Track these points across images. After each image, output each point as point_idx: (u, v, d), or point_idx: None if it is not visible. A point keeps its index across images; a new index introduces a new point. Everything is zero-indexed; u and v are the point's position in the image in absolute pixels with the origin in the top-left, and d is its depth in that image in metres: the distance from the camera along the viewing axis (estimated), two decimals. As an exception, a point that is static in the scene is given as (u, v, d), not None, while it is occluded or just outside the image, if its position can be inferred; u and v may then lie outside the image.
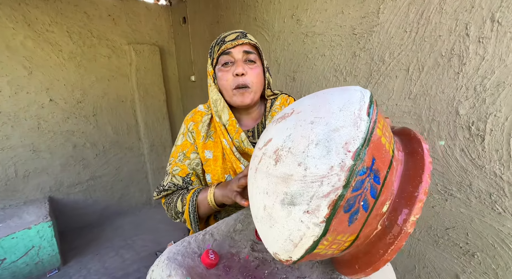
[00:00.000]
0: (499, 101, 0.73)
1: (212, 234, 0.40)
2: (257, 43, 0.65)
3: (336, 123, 0.23)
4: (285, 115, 0.30)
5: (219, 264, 0.36)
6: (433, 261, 0.95)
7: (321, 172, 0.22)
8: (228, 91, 0.62)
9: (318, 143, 0.23)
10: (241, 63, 0.60)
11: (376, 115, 0.25)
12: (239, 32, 0.63)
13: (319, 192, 0.22)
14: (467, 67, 0.77)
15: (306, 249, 0.23)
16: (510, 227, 0.75)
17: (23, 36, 1.87)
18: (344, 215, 0.22)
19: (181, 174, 0.65)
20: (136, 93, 2.45)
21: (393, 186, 0.24)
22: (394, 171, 0.25)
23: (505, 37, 0.70)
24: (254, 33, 1.57)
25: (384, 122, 0.27)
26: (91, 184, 2.32)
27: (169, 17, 2.61)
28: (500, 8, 0.69)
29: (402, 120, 0.95)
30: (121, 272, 1.62)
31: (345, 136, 0.22)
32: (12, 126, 1.90)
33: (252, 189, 0.28)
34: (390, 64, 0.96)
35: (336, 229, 0.22)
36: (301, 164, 0.23)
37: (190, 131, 0.68)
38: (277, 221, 0.24)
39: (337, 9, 1.09)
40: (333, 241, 0.23)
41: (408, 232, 0.23)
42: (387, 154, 0.24)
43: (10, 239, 1.45)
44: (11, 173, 1.92)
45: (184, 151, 0.67)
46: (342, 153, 0.22)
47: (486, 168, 0.77)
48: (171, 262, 0.31)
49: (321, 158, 0.22)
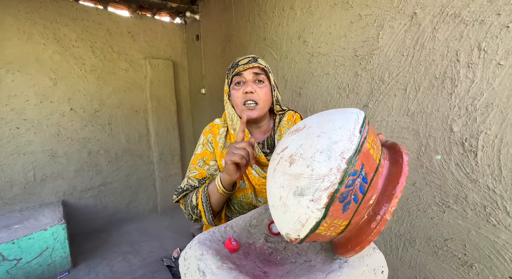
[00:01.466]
0: (488, 120, 0.80)
1: (232, 227, 0.47)
2: (266, 66, 0.75)
3: (336, 138, 0.32)
4: (298, 129, 0.38)
5: (239, 250, 0.43)
6: (433, 271, 0.97)
7: (323, 172, 0.30)
8: (238, 106, 0.71)
9: (322, 151, 0.31)
10: (250, 83, 0.69)
11: (366, 133, 0.33)
12: (251, 57, 0.73)
13: (321, 186, 0.30)
14: (459, 89, 0.85)
15: (311, 228, 0.30)
16: (504, 239, 0.79)
17: (52, 51, 2.05)
18: (339, 204, 0.30)
19: (198, 176, 0.72)
20: (149, 104, 2.59)
21: (378, 185, 0.32)
22: (379, 174, 0.32)
23: (491, 63, 0.78)
24: (263, 52, 1.70)
25: (374, 138, 0.35)
26: (102, 189, 2.41)
27: (183, 35, 2.80)
28: (485, 38, 0.78)
29: (401, 135, 1.02)
30: (128, 277, 1.66)
31: (342, 147, 0.30)
32: (34, 133, 2.03)
33: (270, 184, 0.37)
34: (389, 83, 1.04)
35: (333, 214, 0.30)
36: (309, 166, 0.31)
37: (209, 141, 0.76)
38: (289, 208, 0.32)
39: (340, 33, 1.20)
40: (331, 224, 0.31)
41: (387, 219, 0.30)
42: (374, 161, 0.32)
43: (27, 239, 1.53)
44: (30, 176, 2.03)
45: (204, 158, 0.75)
46: (339, 159, 0.30)
47: (480, 182, 0.83)
48: (202, 244, 0.38)
49: (323, 162, 0.30)
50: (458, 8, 0.83)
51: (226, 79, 0.76)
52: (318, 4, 1.28)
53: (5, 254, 1.46)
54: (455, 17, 0.84)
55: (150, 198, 2.74)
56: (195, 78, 2.78)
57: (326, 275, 0.33)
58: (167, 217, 2.62)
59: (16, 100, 1.94)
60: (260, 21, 1.69)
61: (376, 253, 0.38)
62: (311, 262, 0.39)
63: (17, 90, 1.94)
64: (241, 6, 1.85)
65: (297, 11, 1.41)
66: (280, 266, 0.40)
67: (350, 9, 1.14)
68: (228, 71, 0.75)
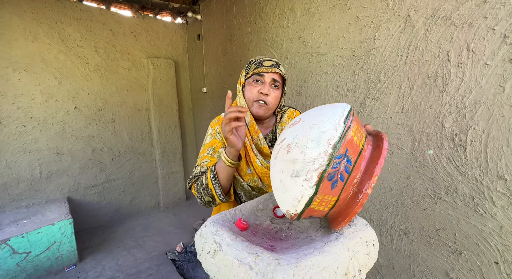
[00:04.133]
0: (476, 116, 0.85)
1: (241, 210, 0.53)
2: (285, 74, 0.81)
3: (324, 128, 0.37)
4: (295, 122, 0.44)
5: (248, 229, 0.48)
6: (426, 260, 1.03)
7: (314, 156, 0.36)
8: (250, 101, 0.78)
9: (313, 139, 0.37)
10: (268, 85, 0.76)
11: (350, 123, 0.38)
12: (274, 62, 0.79)
13: (312, 168, 0.36)
14: (450, 87, 0.91)
15: (305, 203, 0.36)
16: (491, 227, 0.85)
17: (57, 51, 2.09)
18: (328, 182, 0.37)
19: (210, 164, 0.77)
20: (152, 102, 2.64)
21: (361, 167, 0.38)
22: (362, 158, 0.38)
23: (479, 63, 0.83)
24: (264, 52, 1.75)
25: (358, 127, 0.40)
26: (105, 186, 2.46)
27: (184, 34, 2.84)
28: (474, 40, 0.84)
29: (396, 131, 1.08)
30: (134, 269, 1.71)
31: (329, 135, 0.36)
32: (40, 131, 2.08)
33: (273, 170, 0.43)
34: (385, 82, 1.10)
35: (323, 191, 0.36)
36: (302, 152, 0.38)
37: (218, 132, 0.83)
38: (288, 187, 0.38)
39: (339, 34, 1.26)
40: (322, 199, 0.37)
41: (368, 193, 0.36)
42: (357, 147, 0.38)
43: (36, 233, 1.58)
44: (36, 173, 2.08)
45: (213, 146, 0.81)
46: (326, 145, 0.36)
47: (468, 174, 0.89)
48: (215, 223, 0.44)
49: (314, 148, 0.37)
50: (449, 11, 0.88)
51: (244, 71, 0.81)
52: (318, 5, 1.34)
53: (15, 248, 1.51)
54: (446, 19, 0.89)
55: (153, 195, 2.80)
56: (196, 77, 2.82)
57: (325, 244, 0.38)
58: (169, 214, 2.68)
59: (23, 99, 1.98)
60: (261, 22, 1.74)
61: (368, 229, 0.43)
62: (312, 237, 0.44)
63: (24, 89, 1.98)
64: (242, 7, 1.90)
65: (297, 12, 1.46)
66: (284, 241, 0.46)
67: (348, 11, 1.20)
68: (248, 65, 0.80)
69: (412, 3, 0.97)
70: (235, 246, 0.37)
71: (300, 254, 0.35)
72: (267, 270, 0.32)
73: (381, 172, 1.09)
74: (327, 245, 0.37)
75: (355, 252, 0.39)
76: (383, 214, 1.18)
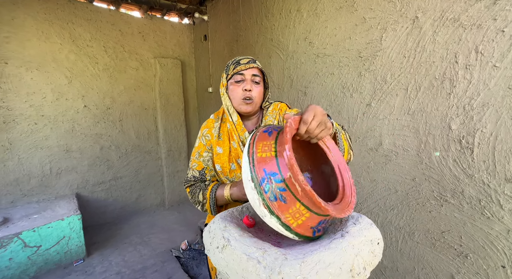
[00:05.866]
0: (484, 119, 0.85)
1: (248, 208, 0.54)
2: (262, 68, 0.85)
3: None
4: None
5: (255, 226, 0.49)
6: (431, 262, 1.03)
7: (251, 197, 0.42)
8: (237, 100, 0.81)
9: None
10: (249, 82, 0.80)
11: (253, 155, 0.43)
12: (250, 58, 0.83)
13: (259, 203, 0.41)
14: (457, 89, 0.90)
15: (280, 223, 0.41)
16: (498, 230, 0.84)
17: (68, 50, 2.15)
18: (280, 202, 0.41)
19: (198, 168, 0.85)
20: (158, 102, 2.68)
21: (285, 168, 0.42)
22: (282, 159, 0.42)
23: (487, 65, 0.83)
24: (270, 52, 1.76)
25: (262, 147, 0.44)
26: (113, 183, 2.51)
27: (191, 35, 2.87)
28: (482, 41, 0.83)
29: (402, 133, 1.08)
30: (139, 265, 1.74)
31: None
32: (51, 128, 2.13)
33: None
34: (392, 84, 1.10)
35: (282, 210, 0.40)
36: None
37: (204, 135, 0.88)
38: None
39: (345, 35, 1.26)
40: (293, 213, 0.40)
41: (299, 177, 0.40)
42: (271, 158, 0.42)
43: (46, 228, 1.62)
44: (47, 170, 2.14)
45: (199, 151, 0.86)
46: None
47: (475, 177, 0.88)
48: (224, 219, 0.45)
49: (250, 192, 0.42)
50: (457, 13, 0.88)
51: (225, 74, 0.84)
52: (324, 7, 1.34)
53: (27, 241, 1.56)
54: (454, 21, 0.89)
55: (158, 193, 2.84)
56: (202, 77, 2.85)
57: (331, 241, 0.39)
58: (174, 212, 2.71)
59: (35, 97, 2.04)
60: (267, 23, 1.75)
61: (373, 228, 0.44)
62: (317, 234, 0.45)
63: (36, 88, 2.04)
64: (249, 8, 1.91)
65: (303, 13, 1.47)
66: (291, 239, 0.47)
67: (355, 12, 1.20)
68: (227, 67, 0.84)
69: (420, 5, 0.97)
70: (243, 242, 0.38)
71: (306, 250, 0.37)
72: (274, 264, 0.33)
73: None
74: (333, 242, 0.38)
75: (360, 249, 0.39)
76: (387, 216, 1.17)
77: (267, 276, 0.32)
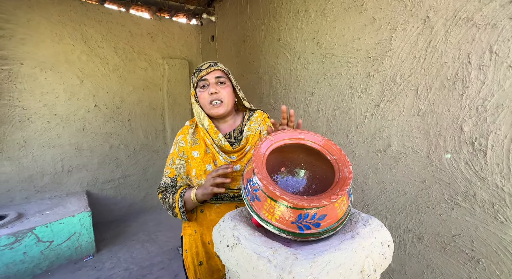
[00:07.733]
0: (498, 121, 0.83)
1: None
2: (225, 69, 0.85)
3: None
4: None
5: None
6: (441, 266, 1.01)
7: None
8: (206, 106, 0.82)
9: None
10: (214, 85, 0.80)
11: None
12: (211, 62, 0.83)
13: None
14: (470, 90, 0.88)
15: (258, 218, 0.47)
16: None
17: (80, 51, 2.20)
18: (257, 201, 0.46)
19: (170, 175, 0.86)
20: (166, 101, 2.72)
21: (259, 167, 0.47)
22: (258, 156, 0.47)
23: (502, 66, 0.81)
24: (277, 53, 1.76)
25: (249, 167, 0.50)
26: (121, 182, 2.56)
27: (198, 35, 2.90)
28: (497, 41, 0.81)
29: (411, 134, 1.06)
30: (147, 262, 1.78)
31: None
32: (63, 127, 2.20)
33: None
34: (401, 84, 1.08)
35: (258, 208, 0.46)
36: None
37: (178, 142, 0.88)
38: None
39: (354, 35, 1.25)
40: (267, 209, 0.44)
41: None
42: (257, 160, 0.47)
43: (58, 224, 1.67)
44: (59, 167, 2.20)
45: (172, 158, 0.86)
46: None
47: (488, 180, 0.86)
48: (233, 218, 0.46)
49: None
50: (471, 12, 0.86)
51: (191, 83, 0.86)
52: (332, 7, 1.33)
53: (40, 236, 1.61)
54: (467, 21, 0.87)
55: (165, 191, 2.88)
56: (209, 78, 2.87)
57: (341, 242, 0.39)
58: (181, 210, 2.74)
59: (48, 97, 2.11)
60: (275, 23, 1.75)
61: (383, 230, 0.44)
62: (327, 235, 0.45)
63: (49, 88, 2.10)
64: (257, 9, 1.92)
65: (311, 13, 1.46)
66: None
67: (364, 12, 1.19)
68: (192, 76, 0.86)
69: (432, 4, 0.95)
70: (253, 241, 0.39)
71: (317, 251, 0.37)
72: (285, 263, 0.34)
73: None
74: (343, 243, 0.39)
75: (371, 251, 0.39)
76: (396, 218, 1.16)
77: (278, 275, 0.33)
